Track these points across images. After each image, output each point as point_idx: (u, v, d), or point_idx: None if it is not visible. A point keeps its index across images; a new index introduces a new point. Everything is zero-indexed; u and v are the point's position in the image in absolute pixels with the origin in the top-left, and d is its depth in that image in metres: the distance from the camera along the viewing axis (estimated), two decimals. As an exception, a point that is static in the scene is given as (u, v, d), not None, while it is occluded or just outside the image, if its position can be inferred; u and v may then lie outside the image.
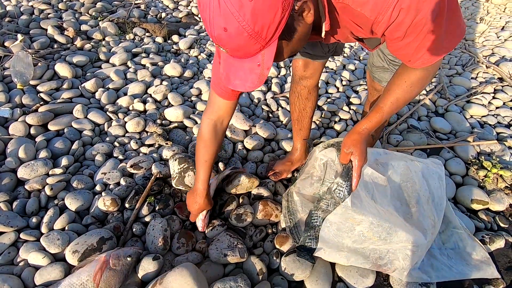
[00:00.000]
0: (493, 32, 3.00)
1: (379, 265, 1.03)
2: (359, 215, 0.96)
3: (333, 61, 2.43)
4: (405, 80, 0.83)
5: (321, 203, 1.00)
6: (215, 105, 1.02)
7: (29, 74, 1.77)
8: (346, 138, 0.94)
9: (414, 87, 0.83)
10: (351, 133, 0.93)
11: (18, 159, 1.35)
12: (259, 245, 1.19)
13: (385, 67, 1.16)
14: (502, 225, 1.35)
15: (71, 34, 2.30)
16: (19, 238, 1.09)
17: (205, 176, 1.10)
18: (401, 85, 0.84)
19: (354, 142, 0.92)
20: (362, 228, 0.98)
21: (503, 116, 2.00)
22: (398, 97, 0.85)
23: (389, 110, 0.88)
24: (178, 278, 0.92)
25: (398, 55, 0.78)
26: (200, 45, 2.50)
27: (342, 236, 1.00)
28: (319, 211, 1.01)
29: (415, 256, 1.01)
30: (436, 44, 0.70)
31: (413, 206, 1.07)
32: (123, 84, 1.91)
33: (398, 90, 0.84)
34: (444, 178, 1.16)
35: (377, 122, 0.90)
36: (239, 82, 0.69)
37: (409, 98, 0.87)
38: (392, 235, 0.98)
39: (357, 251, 1.03)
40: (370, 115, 0.90)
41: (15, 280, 0.97)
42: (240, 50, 0.62)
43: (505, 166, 1.55)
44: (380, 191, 1.04)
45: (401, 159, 1.13)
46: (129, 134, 1.60)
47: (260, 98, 1.94)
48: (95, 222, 1.18)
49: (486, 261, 1.13)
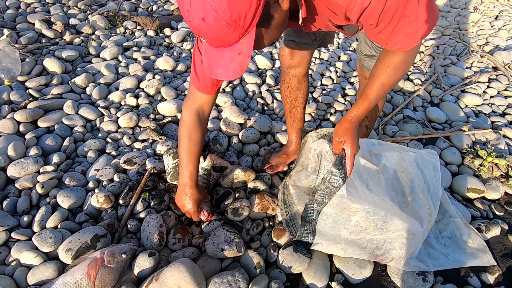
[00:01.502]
0: (487, 22, 2.99)
1: (376, 255, 1.03)
2: (355, 203, 0.95)
3: (328, 52, 2.40)
4: (388, 64, 0.85)
5: (316, 195, 1.00)
6: (195, 97, 1.02)
7: (17, 70, 1.72)
8: (337, 127, 0.96)
9: (397, 70, 0.86)
10: (342, 122, 0.95)
11: (7, 157, 1.31)
12: (256, 239, 1.18)
13: (373, 55, 1.16)
14: (497, 213, 1.36)
15: (59, 28, 2.24)
16: (10, 237, 1.07)
17: (194, 169, 1.06)
18: (384, 70, 0.86)
19: (345, 130, 0.94)
20: (358, 218, 0.97)
21: (497, 105, 2.01)
22: (383, 82, 0.88)
23: (375, 96, 0.90)
24: (175, 274, 0.91)
25: (376, 40, 0.80)
26: (193, 38, 2.45)
27: (339, 228, 1.00)
28: (314, 204, 1.01)
29: (412, 245, 1.01)
30: (410, 28, 0.72)
31: (408, 195, 1.07)
32: (114, 79, 1.87)
33: (382, 75, 0.87)
34: (439, 167, 1.16)
35: (365, 108, 0.92)
36: (221, 71, 0.70)
37: (394, 82, 0.89)
38: (389, 224, 0.98)
39: (354, 242, 1.02)
40: (358, 103, 0.92)
41: (7, 280, 0.95)
42: (219, 39, 0.63)
43: (500, 154, 1.56)
44: (374, 181, 1.04)
45: (395, 150, 1.14)
46: (122, 129, 1.57)
47: (255, 91, 1.92)
48: (88, 219, 1.16)
49: (482, 249, 1.13)
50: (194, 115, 1.03)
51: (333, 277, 1.08)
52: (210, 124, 1.60)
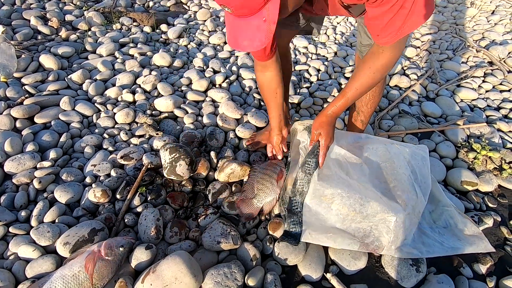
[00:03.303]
0: (483, 16, 3.00)
1: (367, 244, 1.04)
2: (327, 189, 1.00)
3: (324, 48, 2.41)
4: (370, 66, 0.89)
5: (297, 185, 1.06)
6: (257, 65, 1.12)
7: (13, 66, 1.72)
8: (315, 121, 1.04)
9: (377, 73, 0.90)
10: (319, 116, 1.03)
11: (4, 153, 1.32)
12: (252, 232, 1.19)
13: (372, 45, 1.17)
14: (490, 205, 1.37)
15: (55, 24, 2.23)
16: (8, 232, 1.08)
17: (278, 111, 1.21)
18: (365, 71, 0.91)
19: (321, 124, 1.03)
20: (337, 205, 1.02)
21: (492, 99, 2.02)
22: (362, 82, 0.93)
23: (353, 96, 0.96)
24: (172, 266, 0.92)
25: (371, 25, 0.82)
26: (189, 34, 2.45)
27: (323, 219, 1.03)
28: (297, 195, 1.06)
29: (399, 229, 1.02)
30: (405, 20, 0.74)
31: (391, 182, 1.11)
32: (111, 75, 1.87)
33: (362, 76, 0.92)
34: (428, 159, 1.19)
35: (341, 106, 0.98)
36: (247, 43, 0.71)
37: (372, 84, 0.94)
38: (366, 206, 1.01)
39: (342, 231, 1.04)
40: (335, 100, 0.99)
41: (6, 273, 0.96)
42: (244, 6, 0.63)
43: (494, 148, 1.57)
44: (357, 170, 1.08)
45: (381, 143, 1.19)
46: (119, 125, 1.57)
47: (251, 86, 1.92)
48: (86, 214, 1.17)
49: (478, 236, 1.14)
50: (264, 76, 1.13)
51: (328, 269, 1.10)
52: (207, 120, 1.61)
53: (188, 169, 1.26)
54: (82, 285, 0.90)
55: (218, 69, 2.02)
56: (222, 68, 2.02)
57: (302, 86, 2.01)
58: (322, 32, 2.60)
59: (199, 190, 1.31)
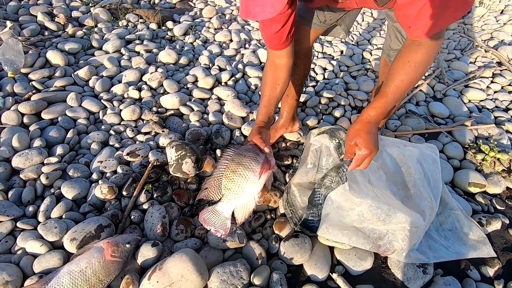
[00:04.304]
0: (492, 16, 2.96)
1: (378, 246, 1.04)
2: (357, 198, 0.96)
3: (331, 46, 2.39)
4: (408, 60, 0.80)
5: (325, 179, 1.00)
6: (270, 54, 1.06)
7: (20, 62, 1.73)
8: (349, 130, 0.88)
9: (418, 67, 0.80)
10: (354, 124, 0.88)
11: (12, 149, 1.33)
12: (258, 231, 1.19)
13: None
14: (498, 207, 1.36)
15: (62, 20, 2.23)
16: (16, 227, 1.09)
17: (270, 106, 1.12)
18: (404, 66, 0.81)
19: (357, 132, 0.86)
20: (362, 209, 0.98)
21: (501, 100, 2.00)
22: (403, 79, 0.82)
23: (394, 95, 0.83)
24: (178, 264, 0.92)
25: (401, 16, 0.76)
26: (195, 31, 2.45)
27: (343, 214, 1.00)
28: (322, 188, 1.01)
29: (414, 237, 1.02)
30: (438, 11, 0.68)
31: (409, 189, 1.07)
32: (117, 72, 1.87)
33: (402, 72, 0.81)
34: (438, 161, 1.16)
35: (382, 108, 0.84)
36: (259, 9, 0.68)
37: (414, 80, 0.84)
38: (391, 217, 0.98)
39: (358, 230, 1.03)
40: (374, 102, 0.85)
41: (14, 268, 0.96)
42: None
43: (503, 149, 1.55)
44: (376, 176, 1.05)
45: (394, 145, 1.14)
46: (125, 122, 1.57)
47: (257, 84, 1.92)
48: (92, 210, 1.17)
49: (482, 241, 1.14)
50: (272, 65, 1.07)
51: (334, 269, 1.09)
52: (212, 117, 1.60)
53: (194, 166, 1.26)
54: (89, 281, 0.91)
55: (224, 67, 2.01)
56: (228, 66, 2.02)
57: (308, 84, 2.00)
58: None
59: (205, 188, 1.31)
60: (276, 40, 0.95)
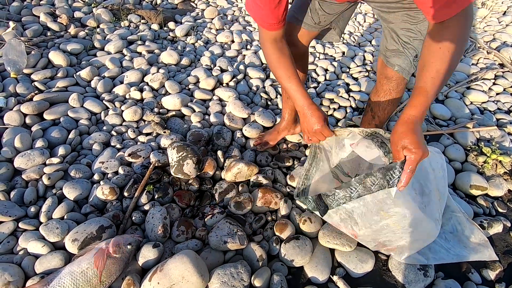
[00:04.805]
0: (494, 17, 2.95)
1: (384, 245, 1.01)
2: (396, 207, 0.87)
3: (332, 47, 2.39)
4: (439, 46, 0.72)
5: (367, 178, 0.87)
6: (267, 35, 0.99)
7: (23, 63, 1.73)
8: (392, 134, 0.81)
9: (452, 50, 0.72)
10: (396, 126, 0.81)
11: (14, 149, 1.33)
12: (259, 232, 1.19)
13: (399, 50, 1.08)
14: (500, 210, 1.36)
15: (64, 21, 2.24)
16: (18, 227, 1.09)
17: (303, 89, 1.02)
18: (436, 54, 0.73)
19: (402, 135, 0.78)
20: (390, 221, 0.90)
21: (503, 102, 1.99)
22: (438, 69, 0.74)
23: (433, 87, 0.75)
24: (179, 265, 0.92)
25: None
26: (197, 32, 2.45)
27: (365, 220, 0.93)
28: (360, 185, 0.89)
29: (423, 244, 1.01)
30: None
31: (427, 195, 1.01)
32: (119, 72, 1.88)
33: (436, 61, 0.73)
34: (446, 168, 1.14)
35: (423, 105, 0.77)
36: None
37: (452, 65, 0.74)
38: (418, 229, 0.93)
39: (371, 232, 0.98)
40: (412, 101, 0.78)
41: (16, 268, 0.97)
42: None
43: (505, 152, 1.55)
44: None
45: None
46: (126, 123, 1.58)
47: (258, 86, 1.92)
48: (94, 211, 1.17)
49: (484, 244, 1.13)
50: (276, 48, 1.00)
51: (335, 271, 1.09)
52: (214, 119, 1.61)
53: (195, 168, 1.26)
54: (90, 281, 0.91)
55: (226, 68, 2.01)
56: (229, 67, 2.02)
57: (310, 86, 2.00)
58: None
59: (206, 189, 1.31)
60: (272, 18, 0.91)
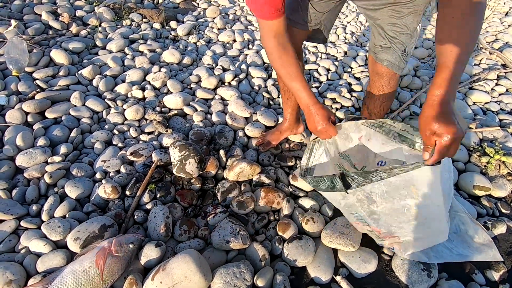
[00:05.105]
0: (496, 18, 2.94)
1: (391, 233, 0.99)
2: (425, 188, 0.83)
3: (334, 47, 2.38)
4: (452, 16, 0.66)
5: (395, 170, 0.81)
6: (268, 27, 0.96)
7: (24, 61, 1.73)
8: (419, 120, 0.74)
9: (468, 16, 0.66)
10: (422, 111, 0.73)
11: (16, 147, 1.33)
12: (261, 232, 1.19)
13: (387, 45, 1.10)
14: (504, 211, 1.35)
15: (66, 20, 2.24)
16: (19, 226, 1.09)
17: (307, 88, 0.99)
18: (451, 23, 0.67)
19: (428, 120, 0.71)
20: (413, 203, 0.85)
21: (506, 102, 1.98)
22: (456, 39, 0.68)
23: (454, 60, 0.69)
24: (181, 264, 0.92)
25: None
26: (198, 31, 2.45)
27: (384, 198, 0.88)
28: (385, 173, 0.82)
29: (430, 244, 1.00)
30: None
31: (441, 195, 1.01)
32: (120, 71, 1.87)
33: (451, 32, 0.67)
34: (452, 170, 1.12)
35: (447, 81, 0.70)
36: None
37: (471, 34, 0.68)
38: (431, 225, 0.92)
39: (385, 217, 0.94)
40: (435, 80, 0.71)
41: (17, 267, 0.96)
42: None
43: (508, 152, 1.54)
44: None
45: None
46: (128, 121, 1.57)
47: (260, 85, 1.91)
48: (96, 209, 1.17)
49: (488, 244, 1.12)
50: (277, 44, 0.98)
51: (338, 271, 1.09)
52: (216, 118, 1.60)
53: (198, 167, 1.26)
54: (92, 280, 0.91)
55: (228, 67, 2.01)
56: (231, 66, 2.01)
57: (312, 86, 1.99)
58: (332, 31, 2.56)
59: (208, 188, 1.31)
60: (272, 5, 0.88)
